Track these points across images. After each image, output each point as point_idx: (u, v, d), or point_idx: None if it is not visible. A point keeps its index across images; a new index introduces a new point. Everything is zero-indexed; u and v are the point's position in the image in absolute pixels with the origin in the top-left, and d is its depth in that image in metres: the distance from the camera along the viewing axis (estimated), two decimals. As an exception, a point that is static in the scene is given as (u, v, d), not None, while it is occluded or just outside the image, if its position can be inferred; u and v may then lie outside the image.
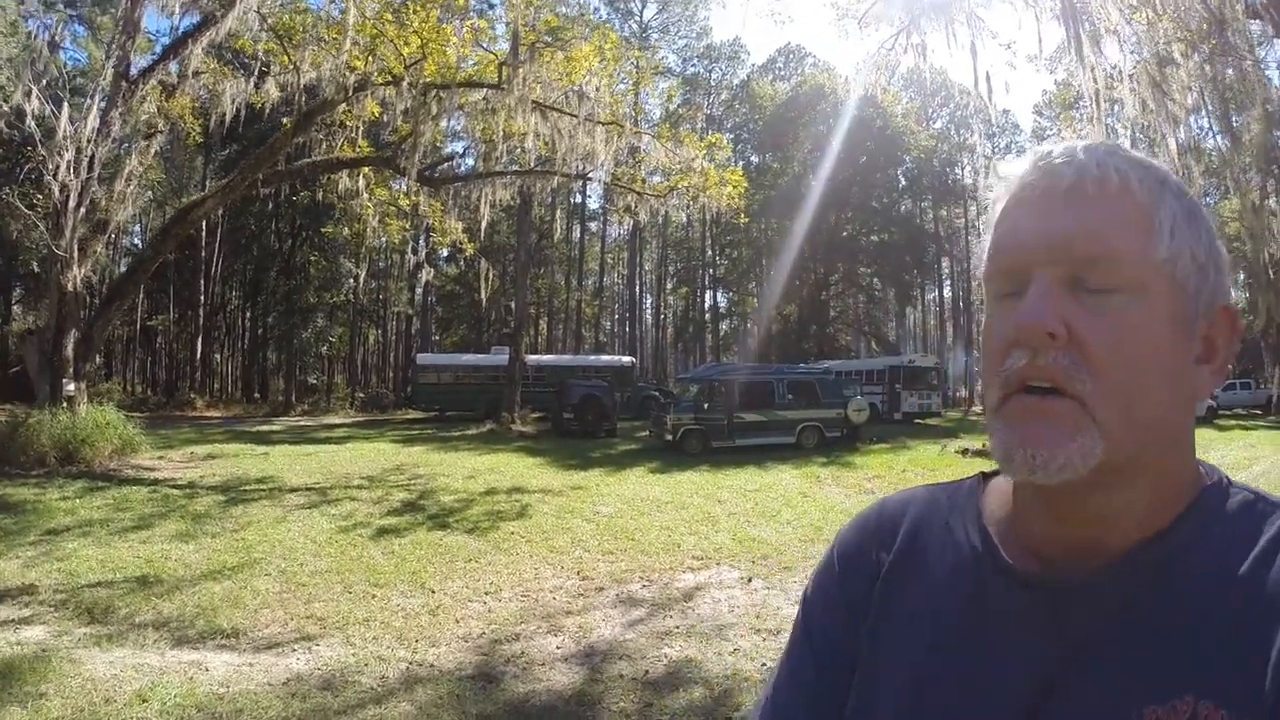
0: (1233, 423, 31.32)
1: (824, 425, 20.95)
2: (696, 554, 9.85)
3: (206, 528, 10.74)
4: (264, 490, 13.60)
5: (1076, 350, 0.71)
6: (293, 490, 13.64)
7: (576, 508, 12.71)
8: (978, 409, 45.01)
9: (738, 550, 10.06)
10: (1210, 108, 14.56)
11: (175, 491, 13.10)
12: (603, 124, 17.04)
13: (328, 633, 7.01)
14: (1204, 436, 23.77)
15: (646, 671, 5.99)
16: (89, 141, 15.28)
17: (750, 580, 8.67)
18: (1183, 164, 13.48)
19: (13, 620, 7.28)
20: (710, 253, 56.03)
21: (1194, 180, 15.18)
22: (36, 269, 30.70)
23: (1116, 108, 15.49)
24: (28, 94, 15.35)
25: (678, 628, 7.06)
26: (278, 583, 8.45)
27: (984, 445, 15.39)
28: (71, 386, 15.37)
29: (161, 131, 18.24)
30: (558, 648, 6.59)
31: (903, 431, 25.56)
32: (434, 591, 8.24)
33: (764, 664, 6.11)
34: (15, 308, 40.10)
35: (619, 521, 11.75)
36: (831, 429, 21.10)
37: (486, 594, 8.19)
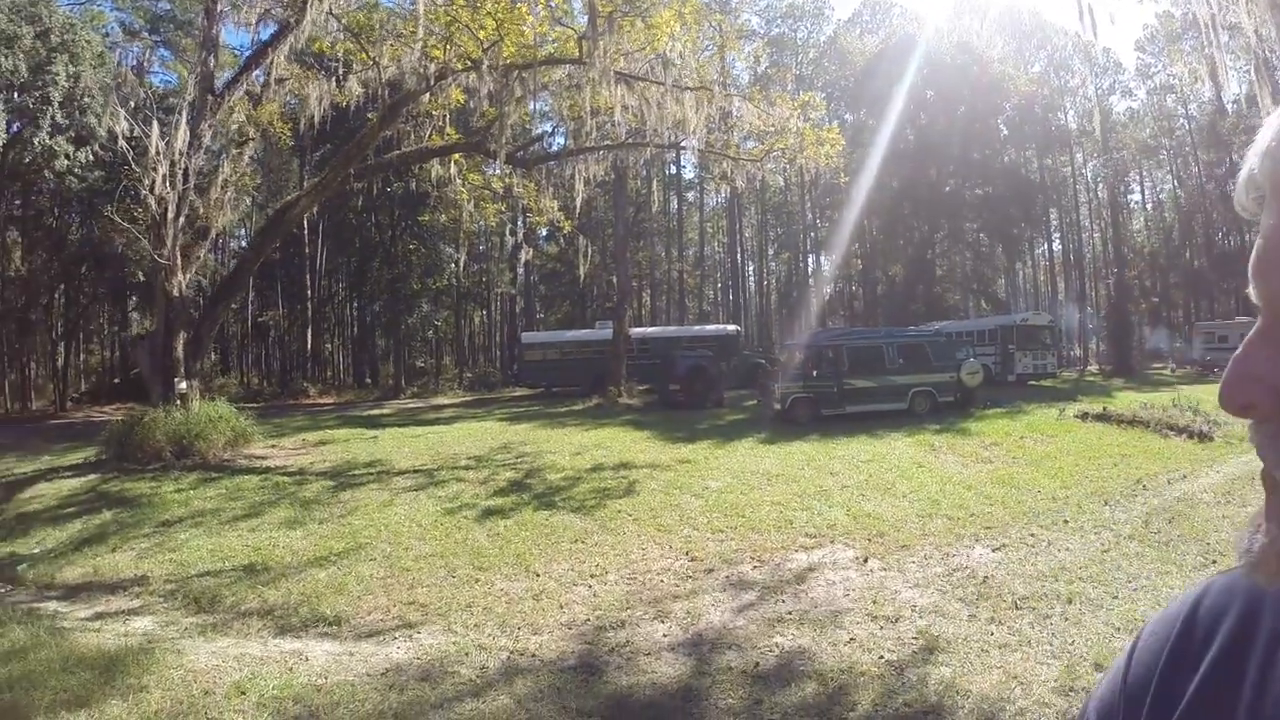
0: None
1: (936, 390, 19.97)
2: (809, 531, 9.42)
3: (314, 514, 10.87)
4: (372, 474, 13.71)
5: None
6: (400, 473, 13.69)
7: (685, 483, 12.32)
8: (1093, 369, 42.91)
9: (852, 527, 9.59)
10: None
11: (285, 479, 13.34)
12: (691, 89, 16.49)
13: (429, 620, 6.91)
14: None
15: (757, 663, 5.64)
16: (181, 155, 15.72)
17: (866, 560, 8.22)
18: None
19: (123, 611, 7.48)
20: (811, 216, 54.73)
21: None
22: (143, 278, 32.23)
23: (1229, 37, 14.14)
24: (115, 117, 15.98)
25: (790, 613, 6.68)
26: (382, 568, 8.44)
27: (1104, 409, 14.29)
28: (183, 385, 15.91)
29: (253, 139, 18.72)
30: (664, 635, 6.31)
31: (1017, 394, 24.31)
32: (538, 575, 8.08)
33: (881, 656, 5.68)
34: (134, 314, 42.20)
35: (728, 497, 11.34)
36: (944, 393, 20.10)
37: (592, 577, 7.97)
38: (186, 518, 10.83)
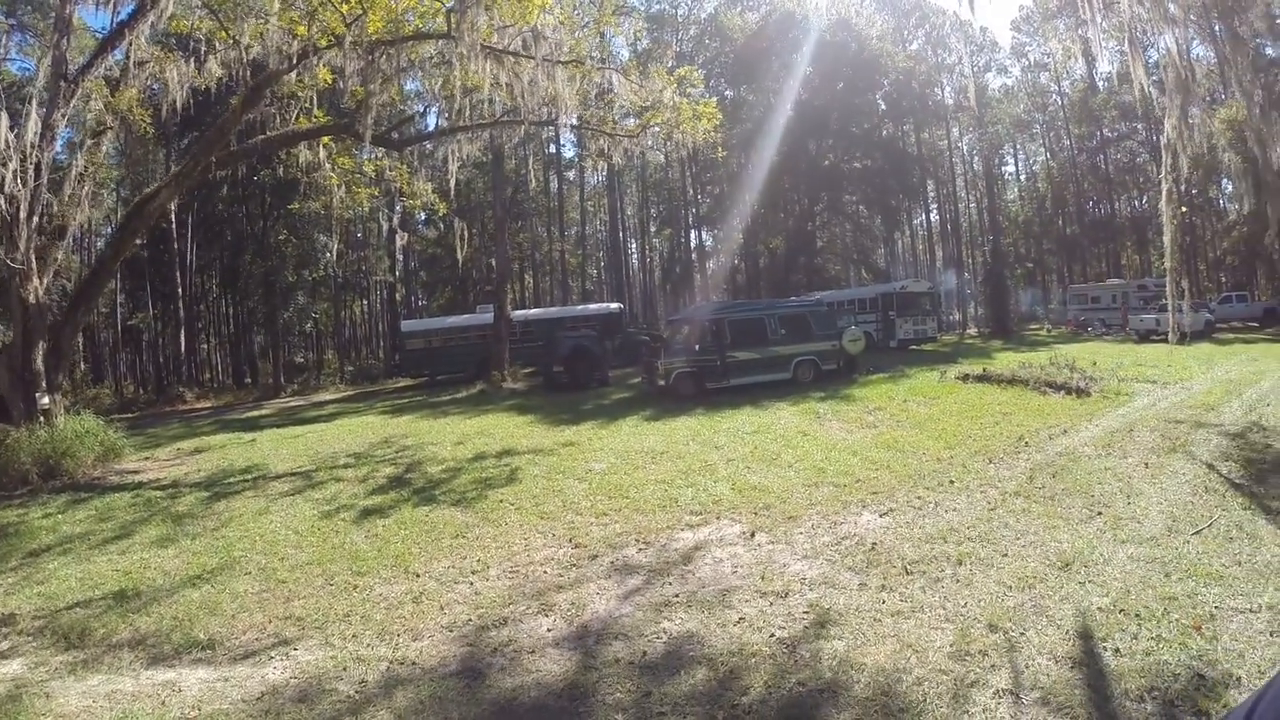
0: (1231, 336, 30.81)
1: (819, 358, 20.41)
2: (695, 509, 9.36)
3: (187, 529, 10.22)
4: (248, 481, 13.04)
5: None
6: (277, 478, 13.08)
7: (568, 466, 12.17)
8: (972, 332, 44.75)
9: (738, 501, 9.58)
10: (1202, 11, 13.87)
11: (158, 493, 12.51)
12: (563, 64, 16.18)
13: (306, 634, 6.56)
14: (1203, 351, 23.38)
15: (644, 653, 5.51)
16: (33, 148, 14.49)
17: (753, 535, 8.18)
18: (1184, 67, 12.85)
19: None
20: (691, 192, 55.14)
21: (1197, 84, 14.50)
22: None
23: (1104, 16, 14.78)
24: None
25: (677, 596, 6.58)
26: (257, 582, 8.00)
27: (984, 370, 14.87)
28: (45, 400, 14.76)
29: (111, 128, 17.49)
30: (548, 630, 6.12)
31: (900, 359, 25.13)
32: (418, 575, 7.77)
33: (772, 634, 5.63)
34: (-1, 327, 39.41)
35: (612, 478, 11.22)
36: (827, 361, 20.57)
37: (473, 573, 7.71)
38: (55, 545, 10.03)
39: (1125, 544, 7.07)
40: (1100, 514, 8.05)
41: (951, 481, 9.85)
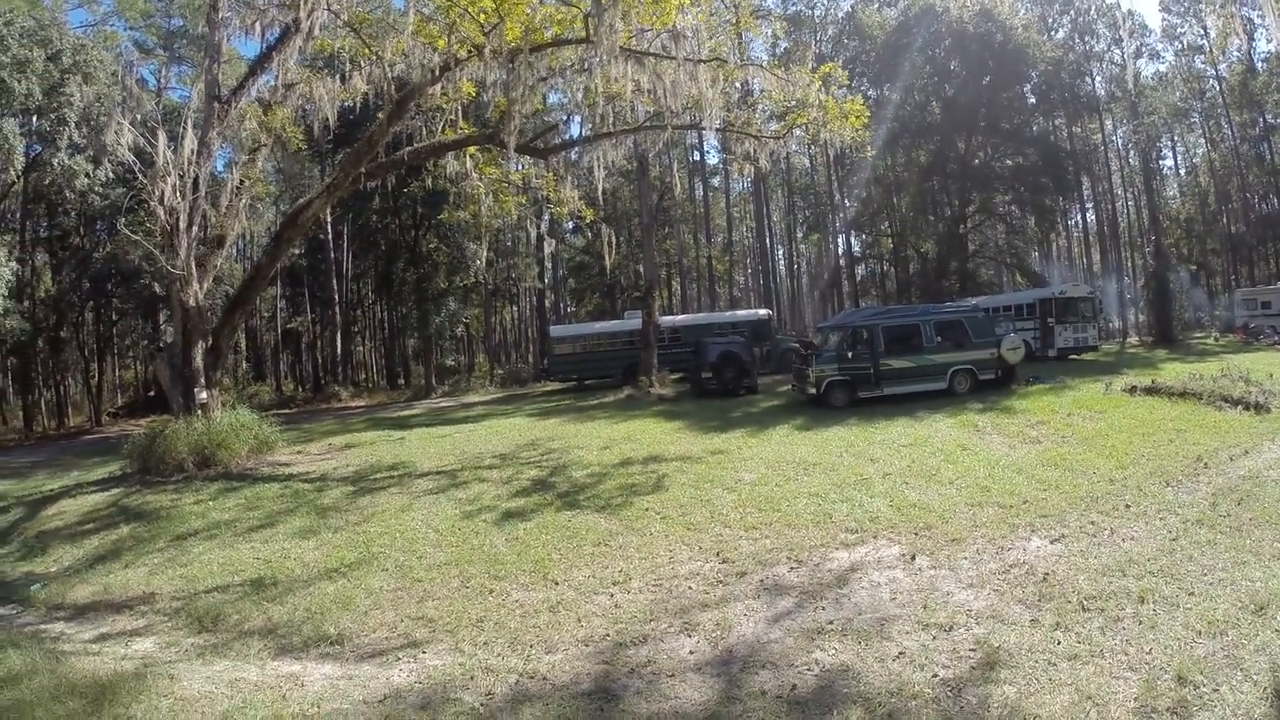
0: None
1: (977, 367, 19.15)
2: (850, 526, 8.77)
3: (330, 522, 10.43)
4: (394, 478, 13.23)
5: None
6: (423, 475, 13.20)
7: (716, 475, 11.69)
8: (1134, 340, 41.60)
9: (896, 519, 8.91)
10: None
11: (306, 486, 12.93)
12: (705, 62, 15.80)
13: (437, 637, 6.44)
14: None
15: (794, 685, 5.05)
16: (190, 164, 15.50)
17: (913, 558, 7.57)
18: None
19: (127, 632, 7.16)
20: (838, 196, 53.75)
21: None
22: (159, 290, 32.49)
23: None
24: (119, 130, 16.03)
25: (831, 623, 6.07)
26: (393, 579, 8.00)
27: (1153, 382, 13.43)
28: (203, 395, 15.68)
29: (265, 145, 18.41)
30: (690, 652, 5.73)
31: (1060, 369, 23.43)
32: (557, 583, 7.55)
33: (935, 674, 5.06)
34: (166, 327, 42.63)
35: (762, 489, 10.70)
36: (985, 371, 19.28)
37: (614, 584, 7.43)
38: (202, 530, 10.48)
39: (1326, 586, 6.15)
40: (1293, 549, 7.08)
41: (1127, 506, 8.91)
